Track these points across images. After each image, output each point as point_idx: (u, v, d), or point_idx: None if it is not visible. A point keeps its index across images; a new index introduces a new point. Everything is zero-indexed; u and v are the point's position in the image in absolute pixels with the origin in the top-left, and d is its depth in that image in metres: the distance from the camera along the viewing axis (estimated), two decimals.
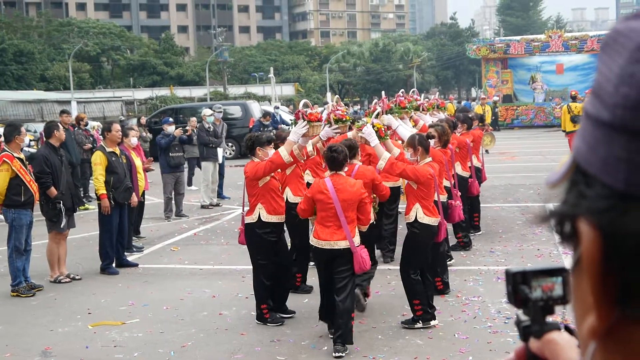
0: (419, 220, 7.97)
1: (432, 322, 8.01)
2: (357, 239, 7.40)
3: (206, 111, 18.37)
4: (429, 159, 8.22)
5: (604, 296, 0.74)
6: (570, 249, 0.80)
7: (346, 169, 7.62)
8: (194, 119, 19.74)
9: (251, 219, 8.25)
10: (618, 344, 0.74)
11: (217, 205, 17.41)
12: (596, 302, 0.75)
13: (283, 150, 8.00)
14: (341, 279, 7.35)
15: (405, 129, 9.90)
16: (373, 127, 8.32)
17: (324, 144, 8.76)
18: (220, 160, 17.90)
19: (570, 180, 0.79)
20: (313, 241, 7.51)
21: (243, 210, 8.67)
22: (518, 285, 1.04)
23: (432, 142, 9.24)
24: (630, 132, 0.72)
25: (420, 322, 7.95)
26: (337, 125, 8.81)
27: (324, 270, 7.60)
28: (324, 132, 8.70)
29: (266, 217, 8.16)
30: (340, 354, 7.12)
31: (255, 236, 8.29)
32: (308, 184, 9.34)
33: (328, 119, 8.77)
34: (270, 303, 8.38)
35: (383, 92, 10.72)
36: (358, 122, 9.36)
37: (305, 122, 8.28)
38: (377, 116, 9.13)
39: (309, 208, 7.55)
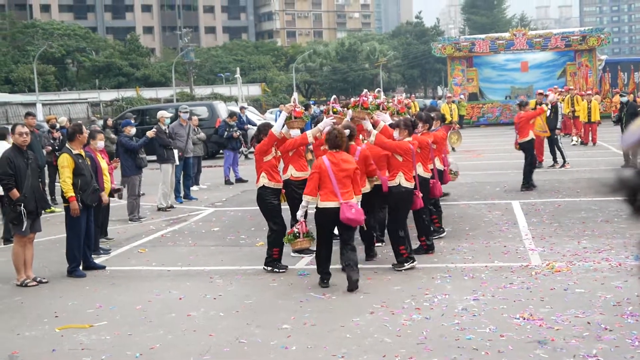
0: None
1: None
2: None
3: (162, 113, 18.50)
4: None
5: None
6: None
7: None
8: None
9: (258, 185, 11.01)
10: None
11: (172, 207, 17.40)
12: None
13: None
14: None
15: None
16: None
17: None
18: (177, 162, 17.83)
19: None
20: None
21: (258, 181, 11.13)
22: None
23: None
24: None
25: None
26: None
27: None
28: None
29: (268, 184, 10.90)
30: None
31: (261, 198, 11.00)
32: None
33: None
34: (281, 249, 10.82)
35: (365, 90, 11.78)
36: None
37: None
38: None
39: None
